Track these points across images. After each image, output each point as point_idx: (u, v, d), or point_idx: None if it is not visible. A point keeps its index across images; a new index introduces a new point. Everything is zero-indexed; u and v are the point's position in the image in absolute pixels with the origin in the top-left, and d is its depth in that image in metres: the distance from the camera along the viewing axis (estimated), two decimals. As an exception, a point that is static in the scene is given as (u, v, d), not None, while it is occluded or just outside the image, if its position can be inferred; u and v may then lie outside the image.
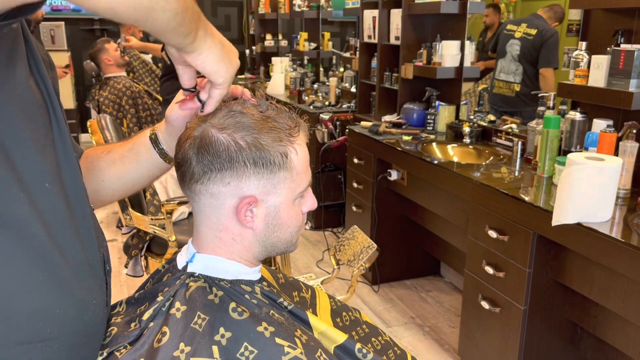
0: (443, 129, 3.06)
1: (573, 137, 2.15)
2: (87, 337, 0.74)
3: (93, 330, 0.75)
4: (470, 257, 2.21)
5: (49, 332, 0.67)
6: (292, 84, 4.69)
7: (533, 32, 2.74)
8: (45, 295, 0.66)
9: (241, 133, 0.80)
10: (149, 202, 2.43)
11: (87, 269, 0.73)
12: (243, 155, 0.80)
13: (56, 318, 0.68)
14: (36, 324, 0.65)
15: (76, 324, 0.71)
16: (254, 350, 0.77)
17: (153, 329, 0.80)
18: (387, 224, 3.09)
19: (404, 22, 3.18)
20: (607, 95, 1.92)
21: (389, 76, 3.44)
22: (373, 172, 3.01)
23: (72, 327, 0.70)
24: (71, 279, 0.70)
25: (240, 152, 0.80)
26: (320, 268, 3.39)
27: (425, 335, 2.67)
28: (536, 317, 1.98)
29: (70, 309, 0.69)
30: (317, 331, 0.92)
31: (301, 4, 4.76)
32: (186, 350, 0.76)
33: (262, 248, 0.89)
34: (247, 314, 0.81)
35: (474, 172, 2.29)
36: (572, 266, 1.85)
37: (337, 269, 1.88)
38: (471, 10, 2.89)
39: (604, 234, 1.61)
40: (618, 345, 1.83)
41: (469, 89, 3.14)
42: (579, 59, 2.05)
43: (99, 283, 0.77)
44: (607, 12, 2.12)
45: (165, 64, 3.48)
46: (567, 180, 1.68)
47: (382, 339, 1.07)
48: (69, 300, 0.69)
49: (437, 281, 3.24)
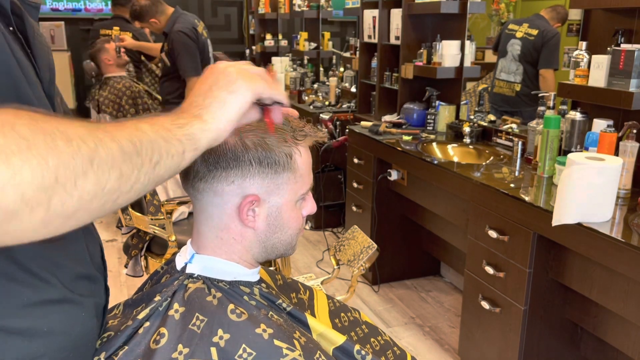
0: (443, 129, 3.05)
1: (573, 137, 2.15)
2: (75, 350, 0.71)
3: (82, 342, 0.73)
4: (470, 257, 2.21)
5: (35, 350, 0.64)
6: (292, 83, 4.68)
7: (534, 33, 2.73)
8: (33, 316, 0.64)
9: (247, 133, 0.81)
10: (148, 202, 2.43)
11: (82, 281, 0.72)
12: (249, 154, 0.81)
13: (43, 336, 0.65)
14: (22, 342, 0.63)
15: (64, 340, 0.68)
16: (252, 352, 0.77)
17: (149, 329, 0.80)
18: (387, 224, 3.09)
19: (404, 21, 3.17)
20: (608, 95, 1.91)
21: (389, 76, 3.43)
22: (373, 172, 3.01)
23: (60, 344, 0.68)
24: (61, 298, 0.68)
25: (247, 152, 0.81)
26: (320, 268, 3.39)
27: (425, 336, 2.66)
28: (536, 317, 1.97)
29: (57, 326, 0.67)
30: (316, 333, 0.91)
31: (301, 4, 4.76)
32: (184, 352, 0.76)
33: (262, 249, 0.89)
34: (245, 315, 0.81)
35: (474, 172, 2.29)
36: (572, 266, 1.85)
37: (337, 269, 1.88)
38: (471, 10, 2.89)
39: (604, 234, 1.61)
40: (618, 345, 1.83)
41: (469, 88, 3.13)
42: (579, 58, 2.05)
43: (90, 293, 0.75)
44: (607, 12, 2.12)
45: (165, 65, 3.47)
46: (568, 180, 1.68)
47: (382, 339, 1.07)
48: (55, 318, 0.67)
49: (437, 281, 3.23)
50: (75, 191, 0.49)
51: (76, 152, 0.49)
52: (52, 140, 0.47)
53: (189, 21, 3.35)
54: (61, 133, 0.48)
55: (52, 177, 0.47)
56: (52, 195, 0.47)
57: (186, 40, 3.26)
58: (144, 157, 0.56)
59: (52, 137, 0.47)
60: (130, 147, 0.54)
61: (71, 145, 0.48)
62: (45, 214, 0.48)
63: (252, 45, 5.85)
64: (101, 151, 0.51)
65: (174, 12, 3.41)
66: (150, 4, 3.35)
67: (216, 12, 5.99)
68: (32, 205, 0.46)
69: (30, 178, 0.45)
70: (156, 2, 3.38)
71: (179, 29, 3.28)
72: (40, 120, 0.48)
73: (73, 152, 0.48)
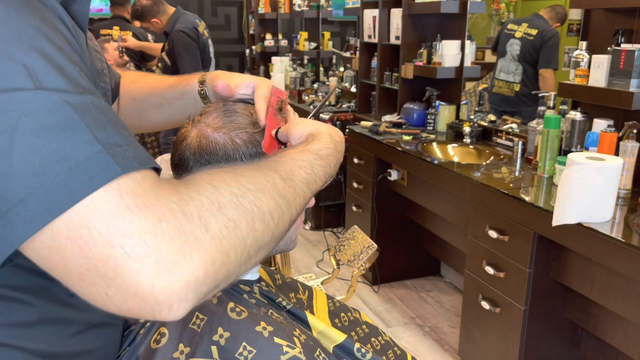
0: (443, 128, 3.05)
1: (573, 137, 2.15)
2: None
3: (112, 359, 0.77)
4: (470, 257, 2.21)
5: None
6: (292, 83, 4.68)
7: (533, 33, 2.73)
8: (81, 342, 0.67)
9: (237, 131, 0.81)
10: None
11: None
12: (240, 152, 0.80)
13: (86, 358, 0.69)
14: None
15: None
16: (252, 350, 0.77)
17: (149, 329, 0.80)
18: (387, 224, 3.08)
19: (404, 21, 3.17)
20: (608, 95, 1.91)
21: (389, 76, 3.43)
22: (373, 172, 3.00)
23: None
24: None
25: (237, 150, 0.80)
26: (320, 268, 3.39)
27: (426, 336, 2.66)
28: (536, 318, 1.97)
29: (97, 347, 0.71)
30: (316, 330, 0.91)
31: (301, 4, 4.75)
32: (186, 351, 0.76)
33: None
34: (245, 313, 0.81)
35: (474, 172, 2.29)
36: (573, 266, 1.85)
37: (337, 269, 1.87)
38: (471, 10, 2.89)
39: (604, 234, 1.61)
40: (618, 346, 1.83)
41: (469, 88, 3.13)
42: (580, 58, 2.05)
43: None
44: (607, 12, 2.12)
45: (165, 64, 3.47)
46: (568, 180, 1.68)
47: (382, 339, 1.07)
48: (97, 341, 0.70)
49: (437, 281, 3.23)
50: (255, 258, 0.55)
51: (265, 229, 0.54)
52: (252, 219, 0.52)
53: (190, 21, 3.35)
54: (257, 209, 0.53)
55: (247, 254, 0.52)
56: (243, 267, 0.53)
57: (187, 40, 3.26)
58: (296, 217, 0.62)
59: (252, 216, 0.52)
60: (295, 216, 0.60)
61: (263, 222, 0.54)
62: (232, 281, 0.53)
63: (252, 45, 5.85)
64: (280, 225, 0.57)
65: (175, 12, 3.41)
66: (151, 3, 3.35)
67: (216, 12, 5.98)
68: (230, 279, 0.52)
69: (234, 257, 0.50)
70: (158, 2, 3.38)
71: (179, 28, 3.28)
72: (239, 195, 0.52)
73: (263, 229, 0.54)
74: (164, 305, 0.46)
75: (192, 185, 0.51)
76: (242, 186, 0.53)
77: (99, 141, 0.47)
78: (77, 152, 0.45)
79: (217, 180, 0.52)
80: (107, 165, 0.46)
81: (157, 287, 0.45)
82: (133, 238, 0.44)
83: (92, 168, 0.45)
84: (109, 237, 0.44)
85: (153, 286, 0.45)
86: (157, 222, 0.46)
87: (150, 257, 0.45)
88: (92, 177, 0.45)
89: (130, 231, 0.45)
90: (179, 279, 0.46)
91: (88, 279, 0.45)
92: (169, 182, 0.50)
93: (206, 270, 0.47)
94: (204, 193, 0.50)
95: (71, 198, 0.44)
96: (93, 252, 0.44)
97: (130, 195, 0.46)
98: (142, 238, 0.45)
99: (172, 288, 0.46)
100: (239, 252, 0.51)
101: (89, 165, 0.45)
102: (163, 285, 0.45)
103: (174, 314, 0.47)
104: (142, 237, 0.45)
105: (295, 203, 0.59)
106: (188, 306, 0.48)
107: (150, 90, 1.03)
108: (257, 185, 0.55)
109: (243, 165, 0.58)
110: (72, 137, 0.46)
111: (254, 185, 0.55)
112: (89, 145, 0.46)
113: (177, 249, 0.46)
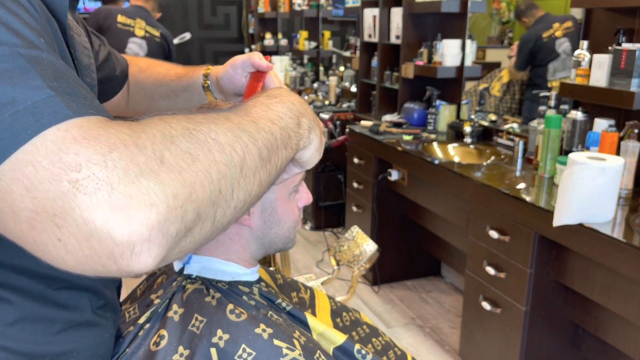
0: (444, 128, 3.04)
1: (574, 136, 2.14)
2: None
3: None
4: (471, 257, 2.20)
5: None
6: (292, 83, 4.68)
7: (570, 25, 2.64)
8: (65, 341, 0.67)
9: None
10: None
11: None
12: None
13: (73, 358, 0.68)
14: None
15: None
16: (252, 352, 0.77)
17: (149, 331, 0.79)
18: (388, 224, 3.08)
19: (405, 21, 3.17)
20: (609, 94, 1.90)
21: (390, 75, 3.43)
22: (373, 172, 3.00)
23: None
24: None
25: None
26: (320, 269, 3.38)
27: (426, 336, 2.66)
28: (537, 318, 1.97)
29: (84, 348, 0.70)
30: (316, 332, 0.91)
31: (301, 3, 4.75)
32: (185, 354, 0.75)
33: (260, 246, 0.88)
34: (245, 315, 0.80)
35: (475, 172, 2.28)
36: (574, 267, 1.84)
37: (337, 270, 1.87)
38: (472, 9, 2.88)
39: (605, 235, 1.60)
40: (619, 346, 1.82)
41: (470, 88, 3.12)
42: (581, 58, 2.04)
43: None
44: (608, 12, 2.11)
45: None
46: (569, 180, 1.67)
47: (383, 339, 1.07)
48: (84, 341, 0.70)
49: (437, 282, 3.23)
50: (232, 201, 0.50)
51: (230, 162, 0.49)
52: (210, 151, 0.48)
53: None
54: (214, 141, 0.49)
55: (217, 189, 0.47)
56: (217, 208, 0.48)
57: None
58: (272, 164, 0.56)
59: (209, 148, 0.48)
60: (266, 153, 0.55)
61: (224, 154, 0.49)
62: (210, 227, 0.48)
63: (252, 45, 5.84)
64: (248, 159, 0.52)
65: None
66: None
67: (215, 11, 5.97)
68: (203, 220, 0.47)
69: (202, 193, 0.46)
70: None
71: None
72: (192, 127, 0.49)
73: (227, 162, 0.49)
74: (125, 247, 0.41)
75: (144, 122, 0.47)
76: (193, 121, 0.50)
77: (51, 88, 0.44)
78: (26, 96, 0.43)
79: (168, 117, 0.49)
80: (58, 108, 0.43)
81: (112, 224, 0.41)
82: (81, 171, 0.41)
83: (40, 111, 0.43)
84: (54, 172, 0.41)
85: (107, 222, 0.41)
86: (107, 153, 0.42)
87: (101, 190, 0.41)
88: (40, 119, 0.42)
89: (76, 163, 0.41)
90: (136, 214, 0.41)
91: (38, 225, 0.42)
92: (120, 121, 0.46)
93: (167, 204, 0.43)
94: (155, 127, 0.46)
95: (17, 139, 0.42)
96: (39, 190, 0.41)
97: (77, 127, 0.43)
98: (90, 170, 0.41)
99: (131, 225, 0.41)
100: (206, 187, 0.46)
101: (38, 107, 0.43)
102: (118, 221, 0.41)
103: (138, 259, 0.42)
104: (90, 169, 0.41)
105: (260, 138, 0.54)
106: (155, 249, 0.43)
107: (158, 81, 1.04)
108: (209, 119, 0.51)
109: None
110: (21, 82, 0.43)
111: (206, 119, 0.51)
112: (40, 91, 0.44)
113: (131, 181, 0.42)
